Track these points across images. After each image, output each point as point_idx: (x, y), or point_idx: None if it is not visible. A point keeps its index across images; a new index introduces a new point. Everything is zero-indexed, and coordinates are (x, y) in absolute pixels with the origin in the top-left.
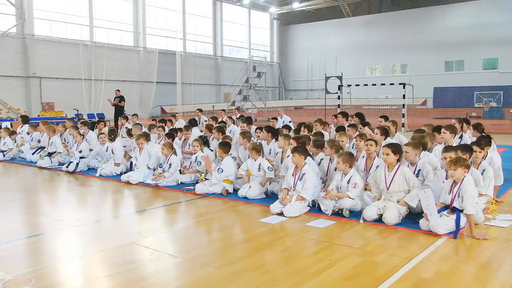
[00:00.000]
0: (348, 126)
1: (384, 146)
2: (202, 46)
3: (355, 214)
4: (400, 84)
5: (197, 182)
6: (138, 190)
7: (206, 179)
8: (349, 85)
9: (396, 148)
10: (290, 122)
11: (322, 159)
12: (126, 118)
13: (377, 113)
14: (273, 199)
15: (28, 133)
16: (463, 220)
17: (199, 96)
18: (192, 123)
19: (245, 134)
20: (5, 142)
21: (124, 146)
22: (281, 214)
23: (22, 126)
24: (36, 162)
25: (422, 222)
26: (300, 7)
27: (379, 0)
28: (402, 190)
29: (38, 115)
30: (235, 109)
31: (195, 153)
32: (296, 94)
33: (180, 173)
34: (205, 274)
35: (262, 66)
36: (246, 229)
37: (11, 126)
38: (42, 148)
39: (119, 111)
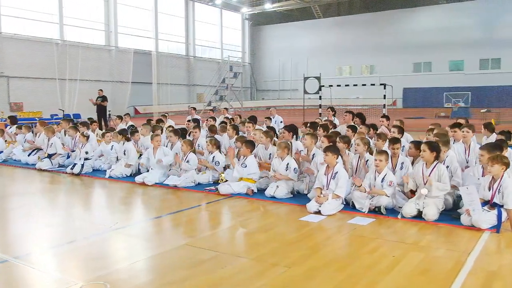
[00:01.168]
0: (348, 126)
1: (422, 144)
2: (174, 46)
3: (390, 211)
4: (381, 84)
5: (214, 183)
6: (159, 191)
7: (226, 180)
8: (330, 86)
9: (432, 146)
10: (281, 122)
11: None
12: (121, 118)
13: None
14: (300, 198)
15: (16, 134)
16: (503, 215)
17: (172, 96)
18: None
19: (268, 133)
20: None
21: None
22: (317, 212)
23: (10, 127)
24: (33, 164)
25: (463, 218)
26: (272, 8)
27: (348, 2)
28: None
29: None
30: (223, 109)
31: (211, 153)
32: (268, 95)
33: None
34: (281, 273)
35: (238, 66)
36: (292, 228)
37: None
38: (38, 150)
39: (102, 111)
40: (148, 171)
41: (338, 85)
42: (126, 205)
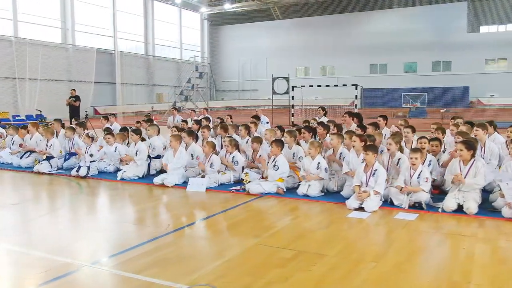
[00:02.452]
0: (335, 125)
1: (458, 143)
2: (133, 45)
3: (428, 206)
4: (352, 85)
5: (235, 183)
6: (187, 193)
7: (249, 181)
8: (302, 86)
9: (469, 145)
10: (267, 123)
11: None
12: (107, 118)
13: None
14: (332, 196)
15: (0, 136)
16: None
17: (132, 97)
18: (200, 123)
19: (292, 133)
20: None
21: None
22: (358, 209)
23: None
24: (27, 168)
25: (505, 210)
26: (231, 8)
27: (305, 5)
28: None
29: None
30: (203, 109)
31: (230, 153)
32: (227, 95)
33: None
34: (372, 268)
35: (204, 66)
36: (348, 225)
37: None
38: (31, 152)
39: (75, 111)
40: (158, 172)
41: (311, 86)
42: (166, 207)
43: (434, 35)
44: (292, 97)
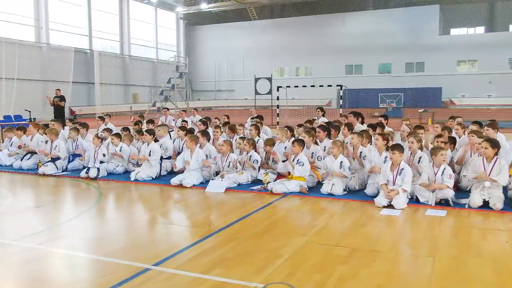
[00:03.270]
0: (345, 125)
1: (483, 141)
2: (109, 44)
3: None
4: (337, 85)
5: (252, 182)
6: (209, 193)
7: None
8: (287, 86)
9: (494, 143)
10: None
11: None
12: (103, 119)
13: (302, 113)
14: (355, 194)
15: None
16: None
17: (108, 97)
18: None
19: (310, 133)
20: None
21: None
22: (387, 206)
23: None
24: (28, 170)
25: None
26: (208, 8)
27: (281, 6)
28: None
29: None
30: (193, 109)
31: (248, 153)
32: (204, 95)
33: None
34: (432, 262)
35: (181, 65)
36: (385, 222)
37: None
38: (32, 153)
39: (60, 112)
40: (169, 173)
41: (296, 86)
42: (196, 208)
43: (407, 37)
44: (278, 97)
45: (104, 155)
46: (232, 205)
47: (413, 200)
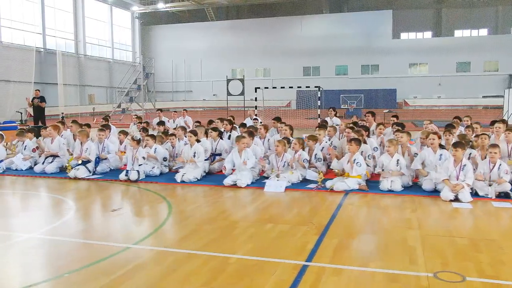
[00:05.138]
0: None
1: None
2: (63, 42)
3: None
4: (315, 87)
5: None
6: (270, 193)
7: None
8: (266, 87)
9: None
10: (261, 123)
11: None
12: (107, 121)
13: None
14: (411, 190)
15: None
16: None
17: (66, 98)
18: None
19: (359, 132)
20: None
21: None
22: (453, 200)
23: None
24: (52, 174)
25: None
26: (165, 7)
27: (239, 7)
28: None
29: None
30: (183, 110)
31: (296, 152)
32: (160, 96)
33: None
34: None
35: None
36: (464, 215)
37: None
38: (54, 157)
39: (40, 113)
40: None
41: (274, 87)
42: (280, 207)
43: (363, 40)
44: (256, 98)
45: (144, 158)
46: (306, 204)
47: (472, 194)
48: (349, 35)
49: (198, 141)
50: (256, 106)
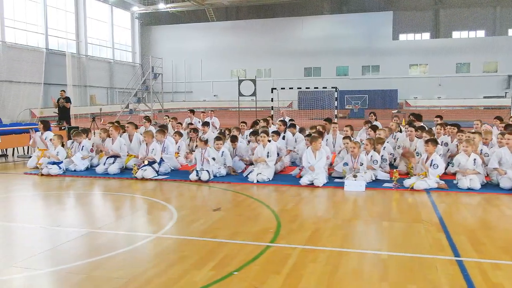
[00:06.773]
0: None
1: None
2: (65, 42)
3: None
4: (332, 87)
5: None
6: (349, 193)
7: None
8: (282, 88)
9: None
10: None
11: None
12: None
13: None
14: (487, 187)
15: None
16: None
17: (72, 98)
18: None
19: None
20: (58, 152)
21: None
22: None
23: (42, 133)
24: (115, 174)
25: None
26: (166, 8)
27: (240, 8)
28: None
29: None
30: (210, 111)
31: (368, 153)
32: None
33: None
34: None
35: (159, 67)
36: None
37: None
38: (115, 157)
39: (66, 113)
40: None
41: (282, 88)
42: (380, 206)
43: (363, 41)
44: (272, 99)
45: (213, 158)
46: (399, 202)
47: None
48: (350, 36)
49: (269, 141)
50: (272, 107)
